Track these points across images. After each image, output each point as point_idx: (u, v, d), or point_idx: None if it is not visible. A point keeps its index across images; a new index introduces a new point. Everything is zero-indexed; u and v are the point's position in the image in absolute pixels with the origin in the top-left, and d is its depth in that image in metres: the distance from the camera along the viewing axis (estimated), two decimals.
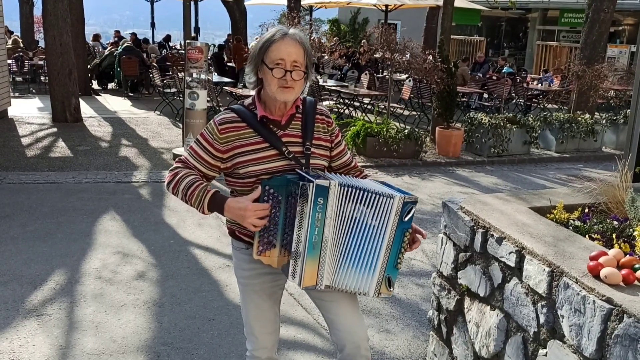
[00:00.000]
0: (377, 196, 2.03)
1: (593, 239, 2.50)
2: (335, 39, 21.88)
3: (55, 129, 10.10)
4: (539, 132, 9.94)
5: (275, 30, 2.15)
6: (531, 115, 10.72)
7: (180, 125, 10.04)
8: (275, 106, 2.17)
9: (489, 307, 2.66)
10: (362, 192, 2.03)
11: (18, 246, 4.97)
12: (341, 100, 12.81)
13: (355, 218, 2.05)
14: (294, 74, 2.09)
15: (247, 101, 2.24)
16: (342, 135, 2.39)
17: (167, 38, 22.68)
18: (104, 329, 3.71)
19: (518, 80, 14.69)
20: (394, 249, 2.07)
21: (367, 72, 14.14)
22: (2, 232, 5.27)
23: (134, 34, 19.02)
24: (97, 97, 14.08)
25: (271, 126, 2.17)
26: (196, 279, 4.49)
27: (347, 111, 12.19)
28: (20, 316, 3.82)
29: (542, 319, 2.26)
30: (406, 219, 2.05)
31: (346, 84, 13.69)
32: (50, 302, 4.03)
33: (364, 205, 2.04)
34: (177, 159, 2.28)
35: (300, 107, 2.25)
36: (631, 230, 2.51)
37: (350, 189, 2.03)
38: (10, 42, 16.46)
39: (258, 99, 2.20)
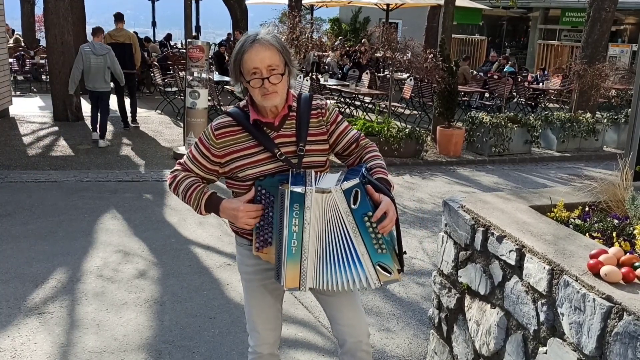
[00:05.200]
0: (324, 194, 2.00)
1: (593, 238, 2.50)
2: (340, 38, 21.90)
3: (56, 128, 10.12)
4: (540, 131, 9.94)
5: (244, 38, 2.11)
6: (532, 115, 10.72)
7: (181, 124, 10.05)
8: (266, 110, 2.17)
9: (489, 306, 2.66)
10: (323, 193, 2.01)
11: (19, 245, 4.98)
12: (342, 100, 12.82)
13: (329, 220, 2.04)
14: (272, 78, 2.07)
15: (242, 102, 2.24)
16: (341, 118, 2.31)
17: (168, 37, 22.68)
18: (105, 327, 3.72)
19: (519, 80, 14.69)
20: (365, 237, 2.03)
21: (368, 71, 14.14)
22: (4, 231, 5.28)
23: (135, 33, 19.00)
24: None
25: (265, 128, 2.18)
26: (197, 278, 4.49)
27: (348, 110, 12.20)
28: (21, 314, 3.83)
29: (542, 317, 2.26)
30: (356, 205, 2.01)
31: (347, 83, 13.69)
32: (51, 301, 4.04)
33: (328, 205, 2.02)
34: (177, 162, 2.31)
35: (294, 105, 2.22)
36: (631, 228, 2.51)
37: (321, 194, 2.01)
38: (11, 41, 16.48)
39: (250, 102, 2.20)
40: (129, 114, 10.47)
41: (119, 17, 10.31)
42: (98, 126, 8.94)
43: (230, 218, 2.15)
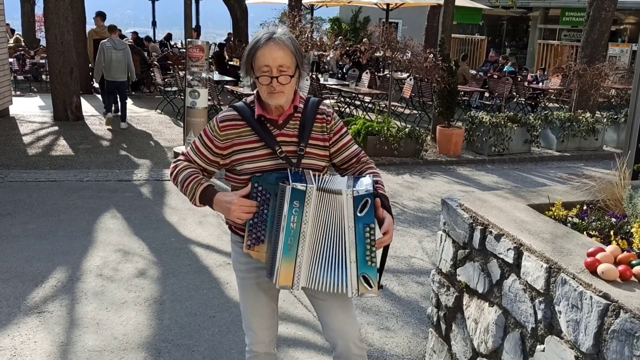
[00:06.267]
0: (330, 194, 2.02)
1: (591, 236, 2.50)
2: (340, 37, 21.91)
3: (56, 128, 10.13)
4: (539, 130, 9.94)
5: (262, 34, 2.14)
6: (532, 114, 10.72)
7: (181, 124, 10.06)
8: (271, 107, 2.19)
9: (487, 304, 2.67)
10: (329, 194, 2.03)
11: (19, 244, 4.99)
12: (342, 99, 12.82)
13: (327, 220, 2.05)
14: (280, 78, 2.09)
15: (250, 98, 2.27)
16: (345, 131, 2.35)
17: (168, 37, 22.66)
18: (105, 326, 3.72)
19: (519, 79, 14.69)
20: (360, 246, 2.04)
21: (368, 70, 14.14)
22: (4, 230, 5.29)
23: (135, 33, 19.03)
24: (99, 95, 14.07)
25: (268, 125, 2.20)
26: (197, 277, 4.50)
27: (348, 110, 12.21)
28: (21, 313, 3.84)
29: (539, 315, 2.27)
30: (362, 214, 2.02)
31: (347, 83, 13.69)
32: (51, 300, 4.05)
33: (330, 206, 2.04)
34: (181, 152, 2.33)
35: (301, 106, 2.25)
36: (629, 227, 2.52)
37: (327, 194, 2.02)
38: (11, 40, 16.49)
39: (257, 98, 2.22)
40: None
41: (102, 15, 11.60)
42: (120, 112, 10.35)
43: (223, 211, 2.15)
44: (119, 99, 10.43)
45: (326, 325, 2.33)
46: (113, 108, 10.47)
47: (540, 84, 15.23)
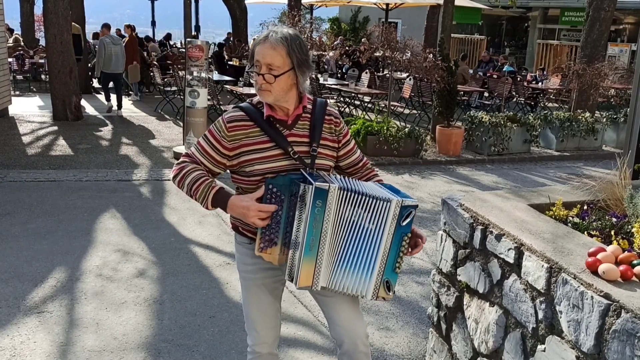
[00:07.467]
0: (375, 200, 2.04)
1: (592, 236, 2.50)
2: (340, 37, 21.92)
3: (55, 127, 10.12)
4: (539, 130, 9.94)
5: (267, 32, 2.18)
6: (531, 114, 10.72)
7: (181, 124, 10.05)
8: (278, 106, 2.19)
9: (488, 304, 2.67)
10: (360, 196, 2.04)
11: (19, 244, 4.98)
12: (341, 99, 12.82)
13: (353, 221, 2.06)
14: (266, 76, 2.11)
15: (256, 99, 2.26)
16: (350, 135, 2.39)
17: (168, 36, 22.64)
18: (104, 326, 3.72)
19: (519, 79, 14.69)
20: (392, 253, 2.07)
21: (367, 70, 14.14)
22: (3, 230, 5.29)
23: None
24: (98, 95, 14.08)
25: (278, 125, 2.19)
26: (197, 277, 4.50)
27: (347, 109, 12.21)
28: (21, 313, 3.83)
29: (540, 315, 2.27)
30: (404, 223, 2.05)
31: (346, 83, 13.68)
32: (51, 300, 4.04)
33: (361, 209, 2.05)
34: (184, 153, 2.30)
35: (309, 107, 2.26)
36: (630, 227, 2.51)
37: (349, 193, 2.03)
38: (11, 40, 16.47)
39: None
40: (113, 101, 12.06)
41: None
42: (116, 99, 11.70)
43: (240, 216, 2.12)
44: (116, 89, 11.72)
45: (333, 322, 2.32)
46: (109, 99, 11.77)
47: (540, 83, 15.24)
